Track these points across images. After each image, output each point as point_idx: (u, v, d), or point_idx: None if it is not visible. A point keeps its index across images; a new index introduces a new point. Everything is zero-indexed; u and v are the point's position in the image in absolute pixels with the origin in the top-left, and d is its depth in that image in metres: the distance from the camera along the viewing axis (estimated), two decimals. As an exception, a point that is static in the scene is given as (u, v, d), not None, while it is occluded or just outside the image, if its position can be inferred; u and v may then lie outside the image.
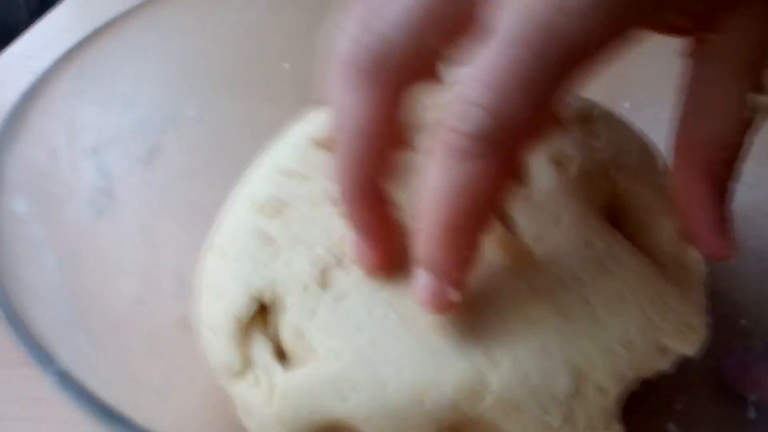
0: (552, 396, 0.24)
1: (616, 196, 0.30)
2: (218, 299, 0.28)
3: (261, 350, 0.27)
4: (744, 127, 0.25)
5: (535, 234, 0.27)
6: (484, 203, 0.22)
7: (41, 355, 0.22)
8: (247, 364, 0.27)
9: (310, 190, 0.29)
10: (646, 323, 0.26)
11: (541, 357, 0.25)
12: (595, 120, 0.32)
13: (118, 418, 0.20)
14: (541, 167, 0.30)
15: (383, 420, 0.24)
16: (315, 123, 0.32)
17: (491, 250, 0.27)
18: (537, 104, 0.20)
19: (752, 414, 0.30)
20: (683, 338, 0.27)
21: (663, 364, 0.27)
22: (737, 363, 0.31)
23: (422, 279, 0.24)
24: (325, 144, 0.30)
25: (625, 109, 0.36)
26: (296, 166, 0.30)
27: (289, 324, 0.27)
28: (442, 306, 0.24)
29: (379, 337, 0.25)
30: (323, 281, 0.27)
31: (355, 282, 0.27)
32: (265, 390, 0.26)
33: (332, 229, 0.28)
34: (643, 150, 0.32)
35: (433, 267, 0.23)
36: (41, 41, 0.60)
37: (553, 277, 0.26)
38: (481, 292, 0.26)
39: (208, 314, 0.29)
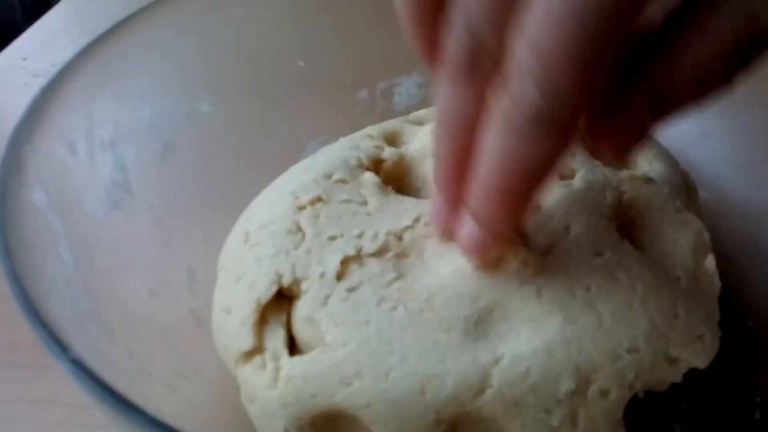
0: (553, 395, 0.25)
1: (624, 207, 0.30)
2: (238, 281, 0.29)
3: (273, 335, 0.27)
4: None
5: (545, 243, 0.28)
6: (537, 175, 0.23)
7: (56, 344, 0.22)
8: (257, 347, 0.27)
9: (346, 191, 0.30)
10: (653, 332, 0.26)
11: (544, 356, 0.25)
12: None
13: (130, 408, 0.21)
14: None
15: (383, 407, 0.25)
16: (363, 148, 0.33)
17: (500, 256, 0.27)
18: (585, 81, 0.20)
19: (758, 415, 0.30)
20: (694, 350, 0.27)
21: (674, 376, 0.27)
22: (744, 364, 0.31)
23: (468, 226, 0.26)
24: (370, 167, 0.32)
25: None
26: (341, 174, 0.31)
27: (301, 309, 0.27)
28: (480, 253, 0.26)
29: (386, 328, 0.26)
30: (340, 272, 0.27)
31: (368, 275, 0.27)
32: (270, 373, 0.26)
33: (356, 224, 0.29)
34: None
35: (481, 219, 0.25)
36: (37, 43, 0.60)
37: (560, 283, 0.27)
38: (487, 293, 0.26)
39: (224, 296, 0.29)
